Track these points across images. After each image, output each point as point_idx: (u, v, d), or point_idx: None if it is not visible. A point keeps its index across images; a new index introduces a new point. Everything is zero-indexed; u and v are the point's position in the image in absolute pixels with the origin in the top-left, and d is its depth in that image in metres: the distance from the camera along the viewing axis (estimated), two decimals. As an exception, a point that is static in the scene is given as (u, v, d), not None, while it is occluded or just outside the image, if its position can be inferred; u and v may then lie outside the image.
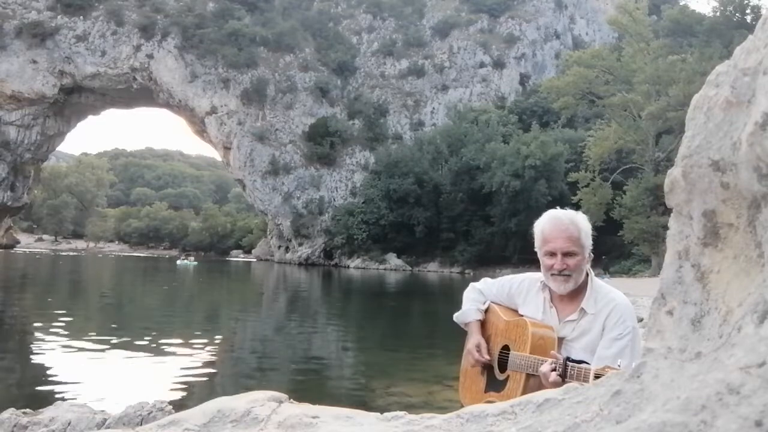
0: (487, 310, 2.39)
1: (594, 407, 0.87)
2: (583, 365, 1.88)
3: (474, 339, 2.31)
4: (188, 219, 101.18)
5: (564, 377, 1.87)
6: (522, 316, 2.26)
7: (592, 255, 2.21)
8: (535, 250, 2.25)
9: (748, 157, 0.68)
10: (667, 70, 34.89)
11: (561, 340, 2.13)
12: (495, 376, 2.23)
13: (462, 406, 1.62)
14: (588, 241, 2.17)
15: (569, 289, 2.14)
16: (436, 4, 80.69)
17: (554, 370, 1.91)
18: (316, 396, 5.66)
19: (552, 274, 2.15)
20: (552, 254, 2.14)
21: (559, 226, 2.15)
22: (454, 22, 76.54)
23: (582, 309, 2.13)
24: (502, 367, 2.21)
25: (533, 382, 2.01)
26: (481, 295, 2.43)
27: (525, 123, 57.63)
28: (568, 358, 1.93)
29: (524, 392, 2.00)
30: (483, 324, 2.38)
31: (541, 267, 2.22)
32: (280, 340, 11.25)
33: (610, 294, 2.15)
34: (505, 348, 2.22)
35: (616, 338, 2.03)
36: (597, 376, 1.77)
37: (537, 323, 2.16)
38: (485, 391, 2.23)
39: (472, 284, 2.50)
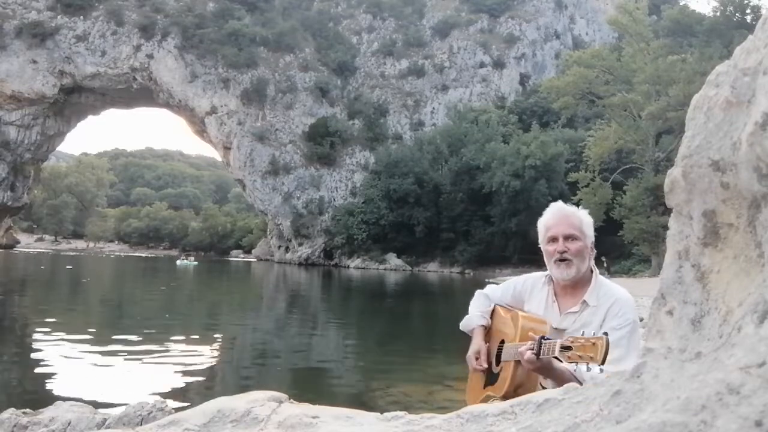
0: (493, 313, 2.42)
1: (594, 407, 0.87)
2: (555, 340, 1.91)
3: (474, 346, 2.33)
4: (188, 219, 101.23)
5: (539, 354, 1.92)
6: (518, 311, 2.29)
7: (595, 250, 2.24)
8: (539, 245, 2.29)
9: (748, 157, 0.68)
10: (667, 70, 34.85)
11: (562, 332, 2.15)
12: (493, 371, 2.26)
13: (463, 405, 1.63)
14: (590, 231, 2.21)
15: (572, 275, 2.16)
16: (436, 4, 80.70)
17: (531, 349, 1.95)
18: (316, 396, 5.66)
19: (554, 261, 2.18)
20: (554, 240, 2.19)
21: (561, 212, 2.22)
22: (454, 22, 76.55)
23: (584, 301, 2.15)
24: (499, 361, 2.25)
25: (521, 369, 2.05)
26: (486, 299, 2.46)
27: (525, 123, 57.64)
28: (543, 337, 1.96)
29: (513, 379, 2.06)
30: (488, 327, 2.40)
31: (545, 257, 2.25)
32: (280, 340, 11.24)
33: (613, 289, 2.18)
34: (502, 343, 2.26)
35: (614, 328, 2.05)
36: (563, 347, 1.84)
37: (529, 316, 2.19)
38: (484, 387, 2.25)
39: (477, 291, 2.53)
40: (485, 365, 2.26)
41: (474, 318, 2.40)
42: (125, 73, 64.12)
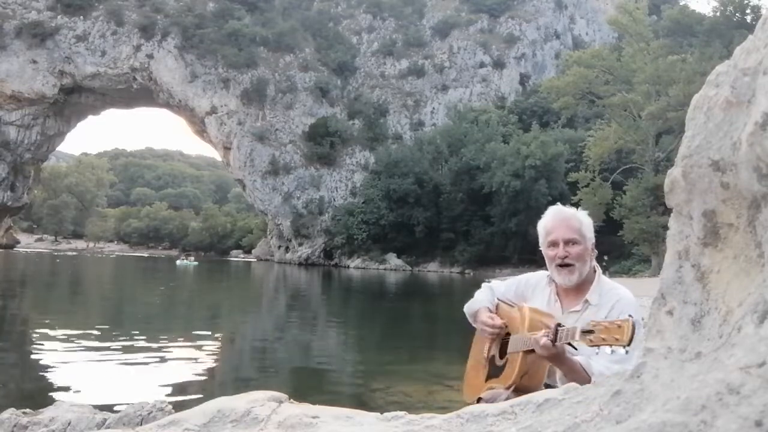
0: (496, 308, 2.41)
1: (594, 407, 0.87)
2: (573, 326, 1.90)
3: (483, 314, 2.31)
4: (188, 219, 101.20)
5: (555, 341, 1.90)
6: (524, 305, 2.28)
7: (596, 251, 2.23)
8: (540, 248, 2.28)
9: (748, 157, 0.68)
10: (667, 70, 34.85)
11: None
12: (496, 365, 2.24)
13: (463, 405, 1.63)
14: (590, 234, 2.20)
15: (574, 281, 2.16)
16: (436, 4, 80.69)
17: (547, 336, 1.94)
18: (316, 396, 5.66)
19: (557, 266, 2.18)
20: (554, 244, 2.18)
21: (561, 216, 2.21)
22: (454, 22, 76.53)
23: (586, 300, 2.15)
24: (503, 354, 2.23)
25: (530, 358, 2.04)
26: (490, 291, 2.46)
27: (525, 123, 57.63)
28: (558, 324, 1.95)
29: (521, 369, 2.04)
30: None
31: (546, 261, 2.25)
32: (280, 340, 11.24)
33: (615, 289, 2.18)
34: (507, 336, 2.25)
35: None
36: (584, 332, 1.82)
37: (536, 309, 2.18)
38: (486, 381, 2.24)
39: (484, 283, 2.53)
40: (502, 320, 2.25)
41: (482, 301, 2.40)
42: (125, 73, 64.10)
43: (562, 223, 2.19)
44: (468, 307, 2.44)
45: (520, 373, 2.04)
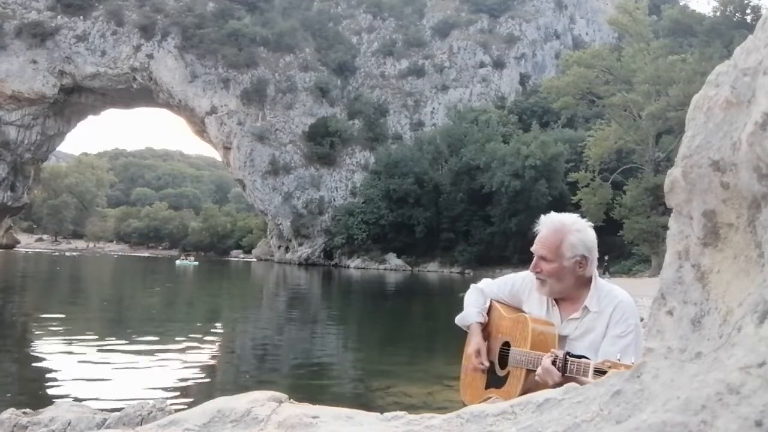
0: (489, 309, 2.40)
1: (594, 407, 0.87)
2: (583, 360, 1.88)
3: (473, 344, 2.31)
4: (188, 219, 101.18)
5: (564, 372, 1.88)
6: (523, 312, 2.27)
7: (589, 259, 2.15)
8: None
9: (748, 157, 0.68)
10: (667, 70, 34.85)
11: (564, 338, 2.12)
12: (496, 373, 2.23)
13: (463, 405, 1.62)
14: (571, 253, 2.12)
15: (544, 293, 2.18)
16: (436, 4, 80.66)
17: (554, 364, 1.91)
18: (316, 396, 5.66)
19: (535, 273, 2.19)
20: (534, 255, 2.20)
21: (543, 230, 2.20)
22: (454, 22, 76.52)
23: (585, 307, 2.13)
24: (503, 363, 2.21)
25: (533, 377, 2.02)
26: (481, 294, 2.43)
27: (525, 123, 57.62)
28: (568, 353, 1.93)
29: (524, 388, 2.02)
30: (485, 323, 2.38)
31: None
32: (280, 340, 11.24)
33: (613, 292, 2.16)
34: (506, 344, 2.23)
35: (619, 336, 2.04)
36: (597, 370, 1.78)
37: (537, 319, 2.16)
38: (486, 388, 2.23)
39: (472, 285, 2.49)
40: (486, 365, 2.25)
41: (472, 314, 2.38)
42: (125, 73, 64.09)
43: (540, 239, 2.19)
44: (460, 321, 2.44)
45: (523, 390, 2.03)
